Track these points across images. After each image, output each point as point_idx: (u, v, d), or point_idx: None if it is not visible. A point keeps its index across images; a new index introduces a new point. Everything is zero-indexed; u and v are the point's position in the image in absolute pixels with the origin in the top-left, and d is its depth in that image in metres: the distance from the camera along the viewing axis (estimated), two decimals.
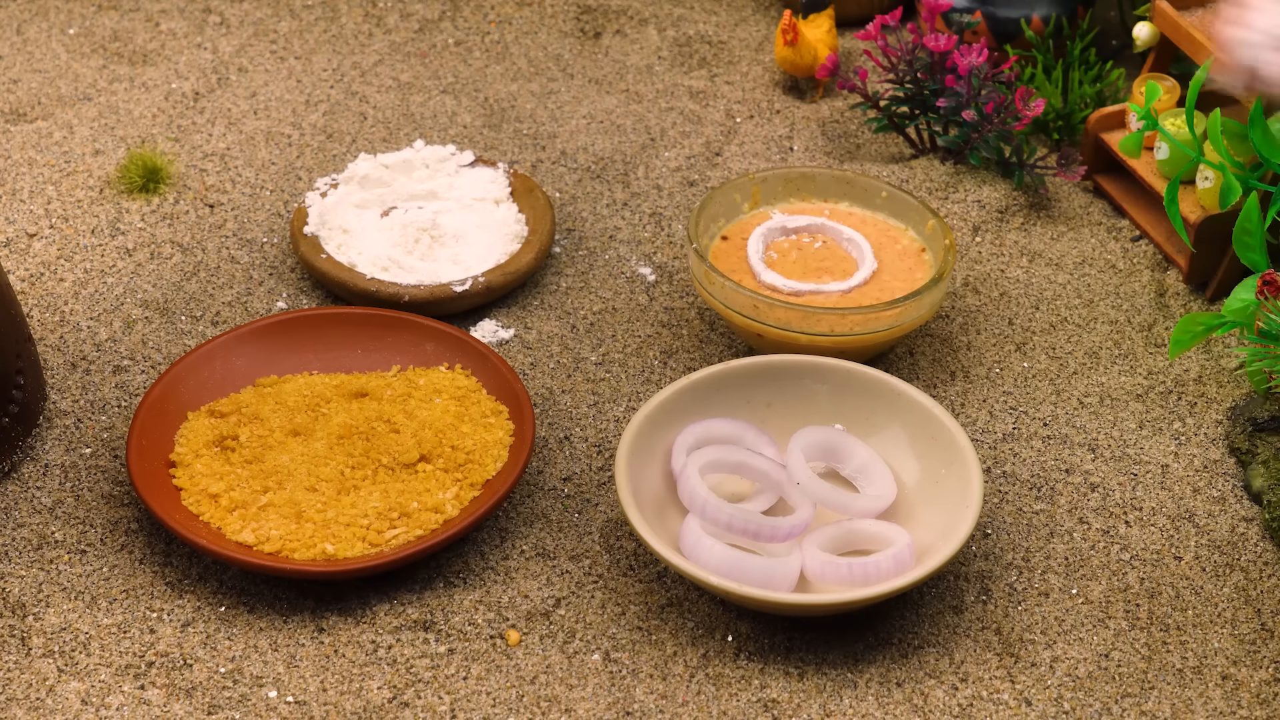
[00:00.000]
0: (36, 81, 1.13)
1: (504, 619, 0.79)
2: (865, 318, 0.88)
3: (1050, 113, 1.07)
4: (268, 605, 0.80)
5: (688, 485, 0.80)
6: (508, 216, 0.99)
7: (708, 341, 0.95)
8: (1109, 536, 0.84)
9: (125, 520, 0.83)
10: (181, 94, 1.12)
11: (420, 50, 1.17)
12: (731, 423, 0.84)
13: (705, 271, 0.90)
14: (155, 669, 0.77)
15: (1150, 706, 0.76)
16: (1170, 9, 0.99)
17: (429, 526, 0.80)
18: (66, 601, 0.79)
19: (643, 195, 1.04)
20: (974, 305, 0.97)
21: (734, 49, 1.18)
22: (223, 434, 0.85)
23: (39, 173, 1.04)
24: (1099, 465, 0.87)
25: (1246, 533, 0.84)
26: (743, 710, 0.76)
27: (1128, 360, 0.94)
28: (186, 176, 1.05)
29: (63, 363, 0.92)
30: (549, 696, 0.76)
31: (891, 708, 0.76)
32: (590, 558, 0.82)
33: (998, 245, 1.01)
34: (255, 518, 0.80)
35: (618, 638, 0.79)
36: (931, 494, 0.82)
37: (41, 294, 0.96)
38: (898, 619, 0.80)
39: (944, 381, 0.92)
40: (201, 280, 0.97)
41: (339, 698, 0.76)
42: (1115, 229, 1.02)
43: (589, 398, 0.91)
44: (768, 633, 0.79)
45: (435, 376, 0.88)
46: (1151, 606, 0.81)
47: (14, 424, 0.84)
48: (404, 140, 1.09)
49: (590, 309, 0.96)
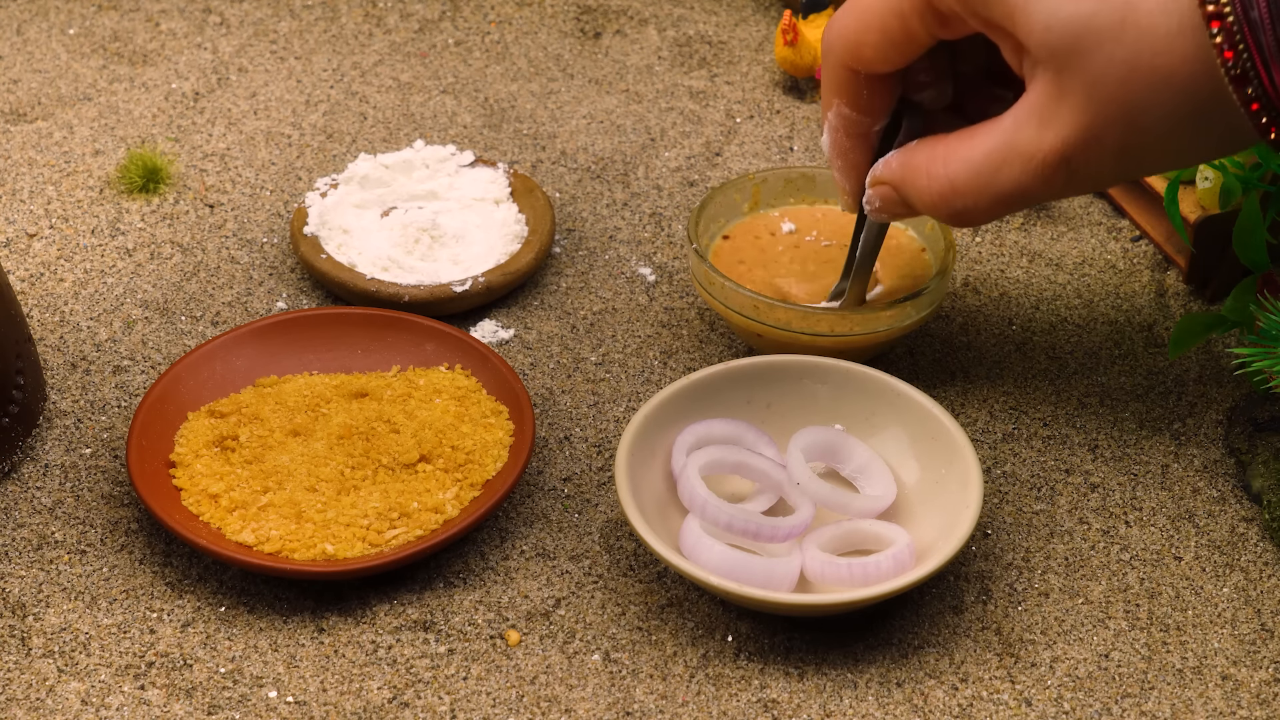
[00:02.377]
0: (36, 81, 1.13)
1: (504, 619, 0.79)
2: (865, 318, 0.88)
3: None
4: (268, 605, 0.80)
5: (688, 485, 0.80)
6: (508, 217, 0.99)
7: (708, 341, 0.95)
8: (1109, 536, 0.84)
9: (125, 520, 0.83)
10: (181, 94, 1.12)
11: (420, 50, 1.17)
12: (731, 423, 0.84)
13: (705, 272, 0.90)
14: (155, 669, 0.77)
15: (1150, 706, 0.76)
16: None
17: (429, 526, 0.80)
18: (66, 601, 0.79)
19: (643, 195, 1.04)
20: (974, 305, 0.97)
21: (734, 49, 1.18)
22: (223, 434, 0.85)
23: (39, 173, 1.05)
24: (1099, 465, 0.87)
25: (1246, 533, 0.84)
26: (743, 710, 0.76)
27: (1128, 360, 0.94)
28: (186, 176, 1.05)
29: (63, 363, 0.92)
30: (549, 696, 0.76)
31: (891, 708, 0.76)
32: (590, 558, 0.82)
33: (998, 245, 1.01)
34: (255, 518, 0.80)
35: (618, 638, 0.79)
36: (931, 494, 0.82)
37: (41, 294, 0.96)
38: (898, 619, 0.80)
39: (944, 381, 0.92)
40: (201, 280, 0.97)
41: (339, 698, 0.76)
42: (1115, 229, 1.02)
43: (589, 398, 0.91)
44: (768, 633, 0.79)
45: (435, 376, 0.88)
46: (1151, 606, 0.81)
47: (14, 424, 0.84)
48: (404, 140, 1.09)
49: (590, 309, 0.96)
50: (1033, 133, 0.69)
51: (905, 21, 0.72)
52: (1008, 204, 0.72)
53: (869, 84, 0.76)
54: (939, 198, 0.74)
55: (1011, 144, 0.70)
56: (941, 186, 0.73)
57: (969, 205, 0.73)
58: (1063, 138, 0.68)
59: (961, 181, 0.72)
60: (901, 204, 0.77)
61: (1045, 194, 0.71)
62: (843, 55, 0.75)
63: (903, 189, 0.76)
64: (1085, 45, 0.66)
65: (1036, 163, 0.70)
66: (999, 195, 0.72)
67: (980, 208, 0.73)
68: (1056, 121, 0.68)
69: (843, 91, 0.77)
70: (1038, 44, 0.67)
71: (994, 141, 0.71)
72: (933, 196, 0.74)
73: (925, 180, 0.74)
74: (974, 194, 0.72)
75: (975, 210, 0.73)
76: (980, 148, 0.72)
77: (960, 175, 0.72)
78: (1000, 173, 0.71)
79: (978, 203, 0.73)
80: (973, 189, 0.72)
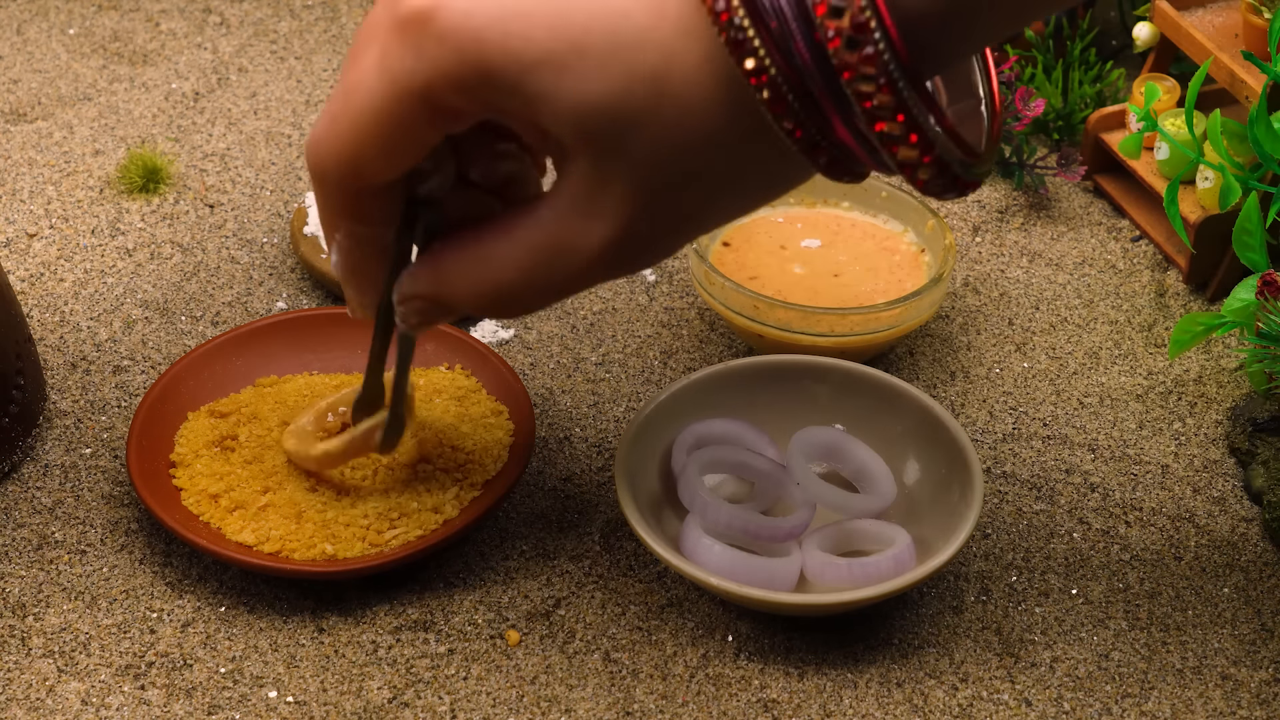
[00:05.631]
0: (36, 81, 1.13)
1: (504, 619, 0.79)
2: (865, 318, 0.88)
3: (1050, 113, 1.07)
4: (268, 605, 0.80)
5: (688, 485, 0.80)
6: None
7: (708, 341, 0.95)
8: (1109, 537, 0.84)
9: (125, 520, 0.83)
10: (181, 94, 1.12)
11: None
12: (731, 423, 0.84)
13: (705, 272, 0.90)
14: (155, 669, 0.77)
15: (1150, 706, 0.76)
16: (1170, 9, 0.99)
17: (429, 526, 0.80)
18: (66, 601, 0.79)
19: None
20: (974, 305, 0.97)
21: None
22: (223, 434, 0.85)
23: (39, 173, 1.05)
24: (1099, 465, 0.87)
25: (1246, 533, 0.84)
26: (743, 710, 0.76)
27: (1128, 360, 0.94)
28: (186, 177, 1.05)
29: (63, 363, 0.92)
30: (549, 696, 0.76)
31: (891, 708, 0.76)
32: (590, 558, 0.82)
33: (998, 245, 1.01)
34: (255, 518, 0.80)
35: (618, 638, 0.79)
36: (931, 494, 0.82)
37: (41, 294, 0.96)
38: (898, 619, 0.80)
39: (944, 381, 0.92)
40: (201, 280, 0.97)
41: (339, 698, 0.76)
42: (1115, 229, 1.02)
43: (589, 398, 0.91)
44: (768, 633, 0.79)
45: (435, 376, 0.88)
46: (1151, 607, 0.81)
47: (14, 424, 0.84)
48: None
49: (590, 309, 0.96)
50: (579, 226, 0.63)
51: (408, 128, 0.62)
52: (563, 293, 0.66)
53: (375, 196, 0.66)
54: (488, 301, 0.67)
55: (558, 241, 0.63)
56: (489, 289, 0.66)
57: (522, 303, 0.67)
58: (613, 226, 0.62)
59: (508, 283, 0.66)
60: (442, 313, 0.69)
61: (606, 277, 0.65)
62: (342, 177, 0.64)
63: (441, 300, 0.68)
64: (620, 128, 0.59)
65: (591, 255, 0.63)
66: (552, 288, 0.66)
67: (534, 303, 0.67)
68: (604, 211, 0.62)
69: (347, 212, 0.67)
70: (569, 133, 0.60)
71: (537, 238, 0.64)
72: (480, 300, 0.67)
73: (468, 285, 0.67)
74: (525, 292, 0.66)
75: (530, 305, 0.67)
76: (522, 245, 0.65)
77: (507, 277, 0.66)
78: (553, 268, 0.64)
79: (530, 300, 0.66)
80: (523, 287, 0.66)
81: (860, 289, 0.92)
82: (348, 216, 0.67)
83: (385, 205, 0.67)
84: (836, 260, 0.94)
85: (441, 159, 0.68)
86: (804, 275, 0.93)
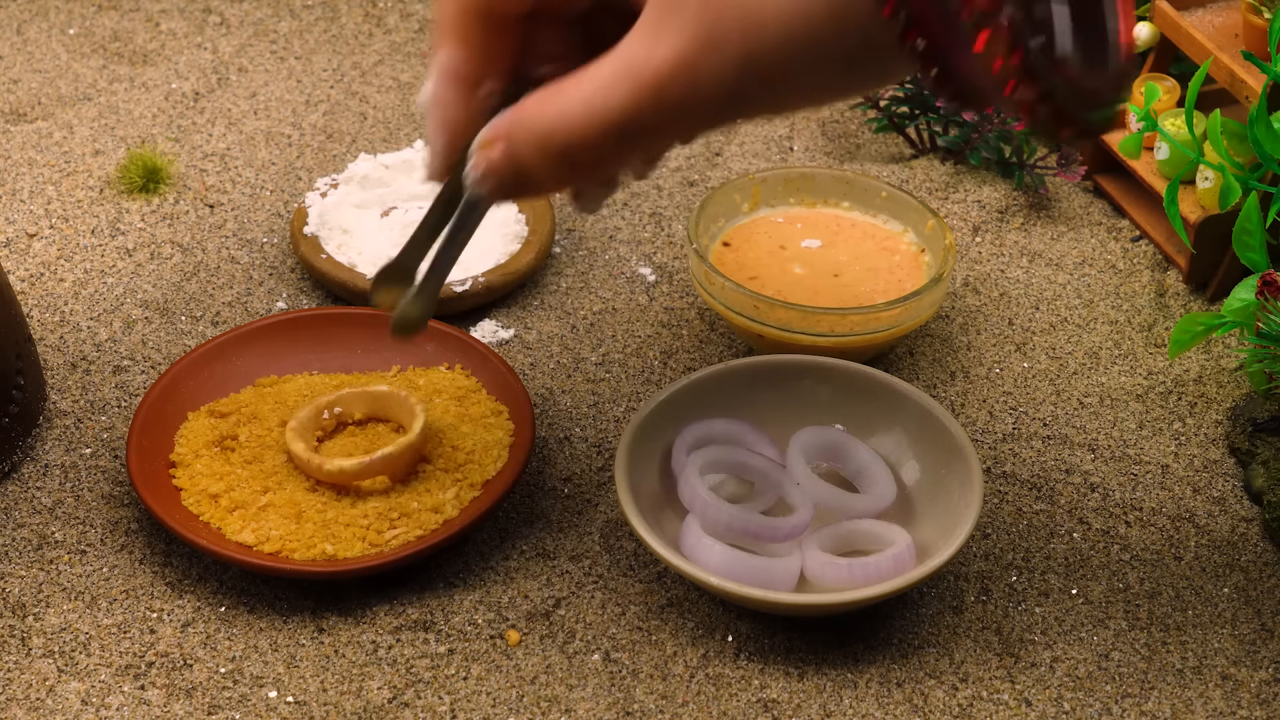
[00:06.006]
0: (36, 81, 1.13)
1: (504, 619, 0.79)
2: (865, 318, 0.88)
3: None
4: (268, 605, 0.80)
5: (687, 485, 0.80)
6: (507, 216, 0.99)
7: (708, 341, 0.95)
8: (1109, 537, 0.84)
9: (125, 520, 0.83)
10: (181, 94, 1.12)
11: (420, 50, 1.17)
12: (731, 423, 0.84)
13: (705, 272, 0.90)
14: (155, 669, 0.77)
15: (1150, 706, 0.76)
16: (1170, 9, 0.99)
17: (429, 526, 0.80)
18: (66, 601, 0.79)
19: (643, 195, 1.04)
20: (974, 305, 0.97)
21: None
22: (223, 434, 0.85)
23: (39, 173, 1.05)
24: (1099, 465, 0.87)
25: (1246, 533, 0.84)
26: (743, 710, 0.76)
27: (1128, 360, 0.94)
28: (186, 176, 1.05)
29: (63, 363, 0.92)
30: (549, 696, 0.76)
31: (891, 708, 0.76)
32: (590, 558, 0.82)
33: (998, 245, 1.01)
34: (255, 518, 0.80)
35: (618, 638, 0.79)
36: (931, 494, 0.82)
37: (41, 294, 0.96)
38: (898, 619, 0.80)
39: (944, 381, 0.92)
40: (201, 280, 0.97)
41: (339, 698, 0.76)
42: (1115, 229, 1.02)
43: (589, 398, 0.91)
44: (768, 633, 0.79)
45: (435, 377, 0.88)
46: (1151, 607, 0.81)
47: (14, 424, 0.84)
48: (404, 140, 1.09)
49: (590, 309, 0.96)
50: (644, 48, 0.61)
51: None
52: (620, 134, 0.63)
53: (490, 26, 0.68)
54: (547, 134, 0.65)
55: (621, 65, 0.62)
56: (550, 120, 0.65)
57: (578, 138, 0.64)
58: (675, 48, 0.61)
59: (571, 111, 0.64)
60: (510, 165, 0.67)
61: (660, 117, 0.63)
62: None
63: (512, 139, 0.66)
64: None
65: (647, 77, 0.62)
66: (609, 123, 0.63)
67: (590, 141, 0.64)
68: (669, 33, 0.61)
69: (457, 31, 0.68)
70: None
71: (605, 67, 0.63)
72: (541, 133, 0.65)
73: (534, 118, 0.65)
74: (583, 124, 0.64)
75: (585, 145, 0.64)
76: (590, 77, 0.63)
77: (570, 104, 0.64)
78: (611, 96, 0.63)
79: (586, 135, 0.64)
80: (582, 118, 0.64)
81: (860, 289, 0.92)
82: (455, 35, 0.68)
83: (495, 41, 0.68)
84: (836, 260, 0.94)
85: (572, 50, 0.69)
86: (804, 275, 0.93)
